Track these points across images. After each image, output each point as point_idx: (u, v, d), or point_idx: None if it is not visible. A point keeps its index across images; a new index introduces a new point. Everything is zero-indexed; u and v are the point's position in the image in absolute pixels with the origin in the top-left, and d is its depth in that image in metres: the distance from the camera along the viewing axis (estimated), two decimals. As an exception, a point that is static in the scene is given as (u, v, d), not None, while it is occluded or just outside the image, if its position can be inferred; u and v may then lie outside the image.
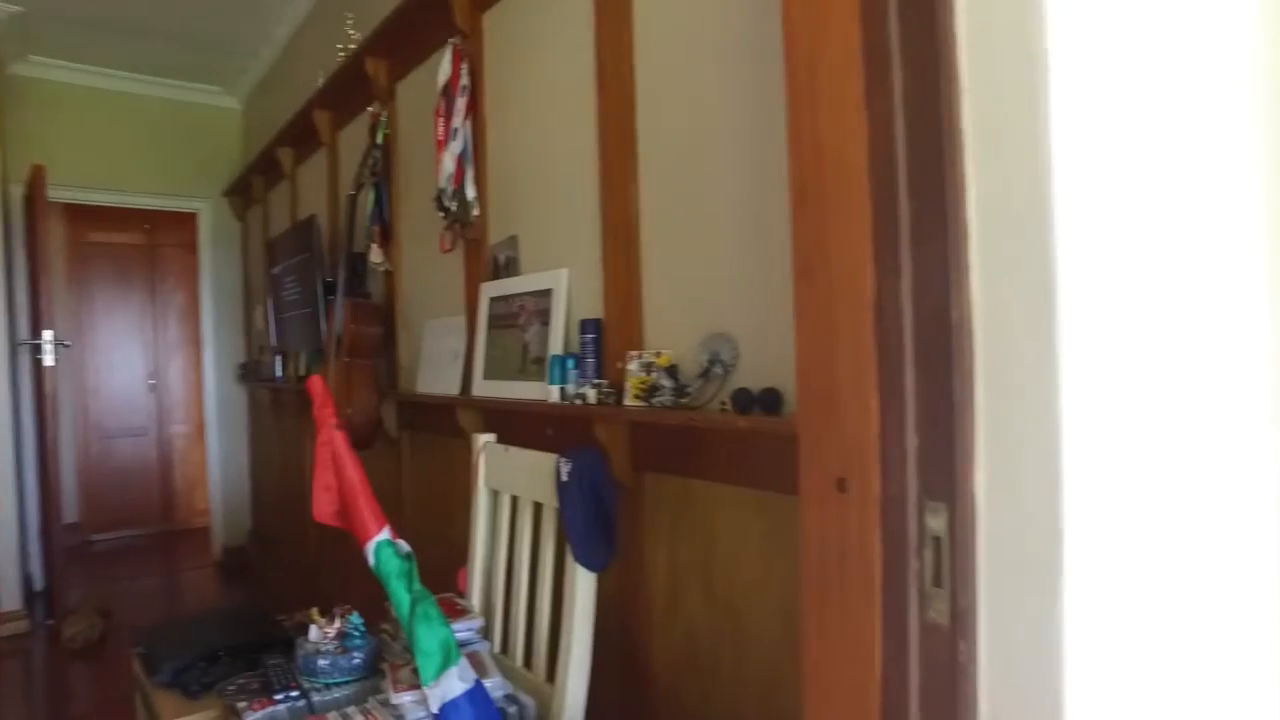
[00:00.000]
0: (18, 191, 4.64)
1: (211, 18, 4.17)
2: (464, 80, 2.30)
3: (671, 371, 1.59)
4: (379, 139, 2.85)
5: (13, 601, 4.06)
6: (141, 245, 6.21)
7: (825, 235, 0.88)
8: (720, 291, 1.54)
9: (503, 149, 2.28)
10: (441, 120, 2.34)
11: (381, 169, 2.88)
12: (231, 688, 1.52)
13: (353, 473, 1.50)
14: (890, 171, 0.81)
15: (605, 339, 1.82)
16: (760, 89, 1.44)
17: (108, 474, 6.06)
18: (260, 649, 1.73)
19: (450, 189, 2.31)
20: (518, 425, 2.06)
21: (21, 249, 4.64)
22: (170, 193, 5.10)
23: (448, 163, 2.30)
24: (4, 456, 4.05)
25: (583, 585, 1.47)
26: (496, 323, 2.23)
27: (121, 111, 4.96)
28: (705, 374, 1.51)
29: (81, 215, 5.96)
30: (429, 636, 1.30)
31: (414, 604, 1.33)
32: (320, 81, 3.31)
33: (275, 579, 4.54)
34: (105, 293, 6.10)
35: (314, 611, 1.60)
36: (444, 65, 2.34)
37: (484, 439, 1.91)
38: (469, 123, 2.32)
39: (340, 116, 3.42)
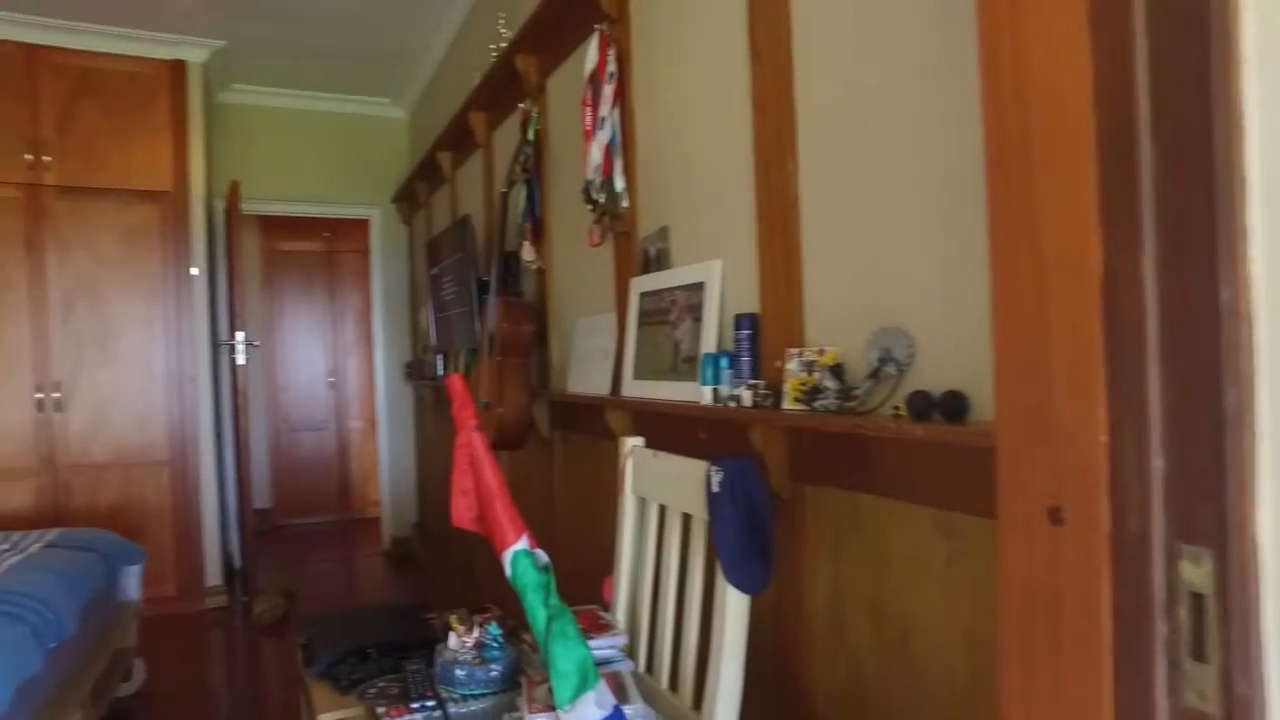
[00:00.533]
0: (220, 206, 5.08)
1: (379, 33, 4.37)
2: (610, 67, 2.22)
3: (836, 371, 1.42)
4: (530, 135, 2.84)
5: (215, 577, 4.42)
6: (323, 252, 6.65)
7: (1033, 199, 0.69)
8: (892, 280, 1.36)
9: (652, 136, 2.18)
10: (589, 110, 2.27)
11: (533, 165, 2.86)
12: (372, 690, 1.50)
13: (491, 477, 1.43)
14: (1126, 110, 0.62)
15: (762, 335, 1.67)
16: (938, 49, 1.24)
17: (294, 464, 6.54)
18: (408, 648, 1.71)
19: (598, 180, 2.23)
20: (668, 428, 1.95)
21: (223, 258, 5.06)
22: (346, 201, 5.41)
23: (595, 153, 2.22)
24: (207, 447, 4.42)
25: (734, 607, 1.33)
26: (647, 319, 2.13)
27: (305, 128, 5.31)
28: (875, 374, 1.33)
29: (273, 225, 6.46)
30: (565, 656, 1.21)
31: (550, 620, 1.24)
32: (475, 82, 3.35)
33: (435, 572, 4.70)
34: (293, 296, 6.58)
35: (454, 618, 1.56)
36: (590, 53, 2.27)
37: (631, 442, 1.81)
38: (616, 111, 2.23)
39: (494, 116, 3.45)
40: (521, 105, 2.93)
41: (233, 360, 4.43)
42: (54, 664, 2.20)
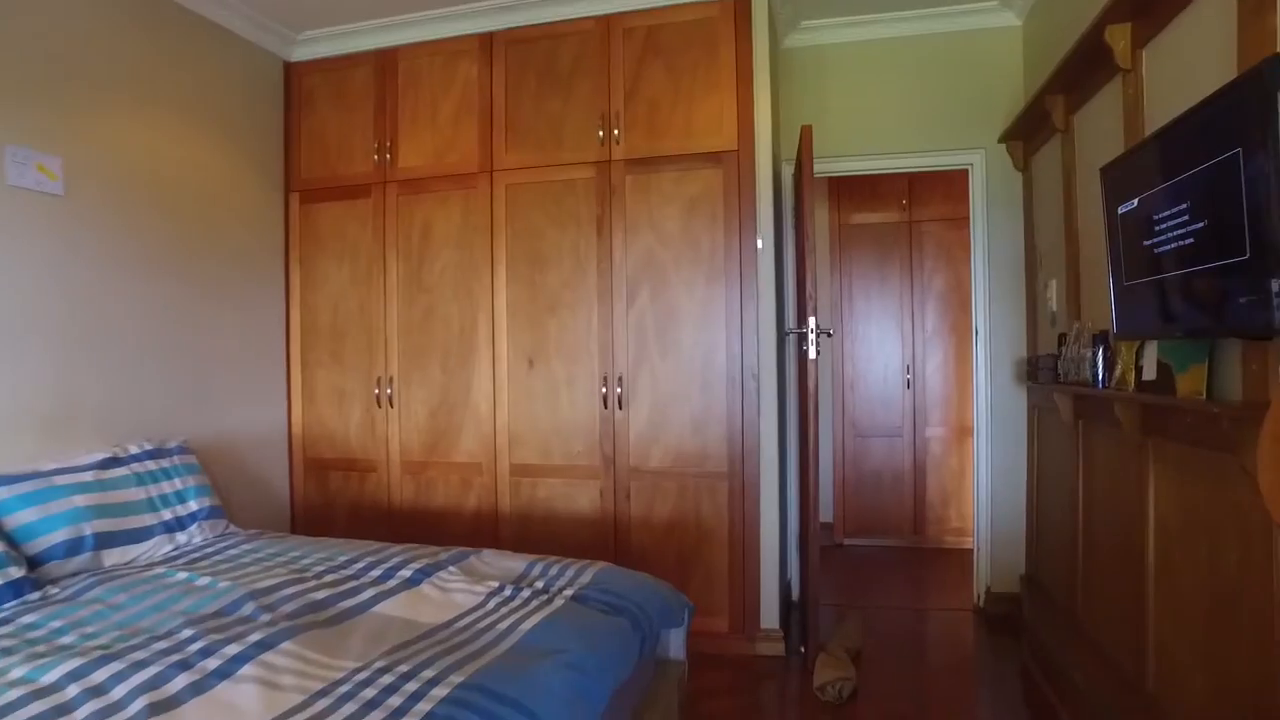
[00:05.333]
0: (788, 171, 4.32)
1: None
2: None
3: None
4: None
5: (772, 618, 3.64)
6: (899, 223, 5.55)
7: None
8: None
9: None
10: None
11: None
12: None
13: None
14: None
15: None
16: None
17: (861, 475, 5.60)
18: None
19: None
20: None
21: (791, 230, 4.30)
22: (936, 148, 4.19)
23: None
24: (769, 458, 3.65)
25: None
26: None
27: (884, 61, 4.24)
28: None
29: (842, 197, 5.59)
30: None
31: None
32: None
33: (1050, 648, 3.21)
34: (863, 278, 5.63)
35: None
36: None
37: None
38: None
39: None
40: None
41: (802, 352, 3.56)
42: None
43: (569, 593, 2.14)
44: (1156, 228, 1.95)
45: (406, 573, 2.24)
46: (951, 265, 5.43)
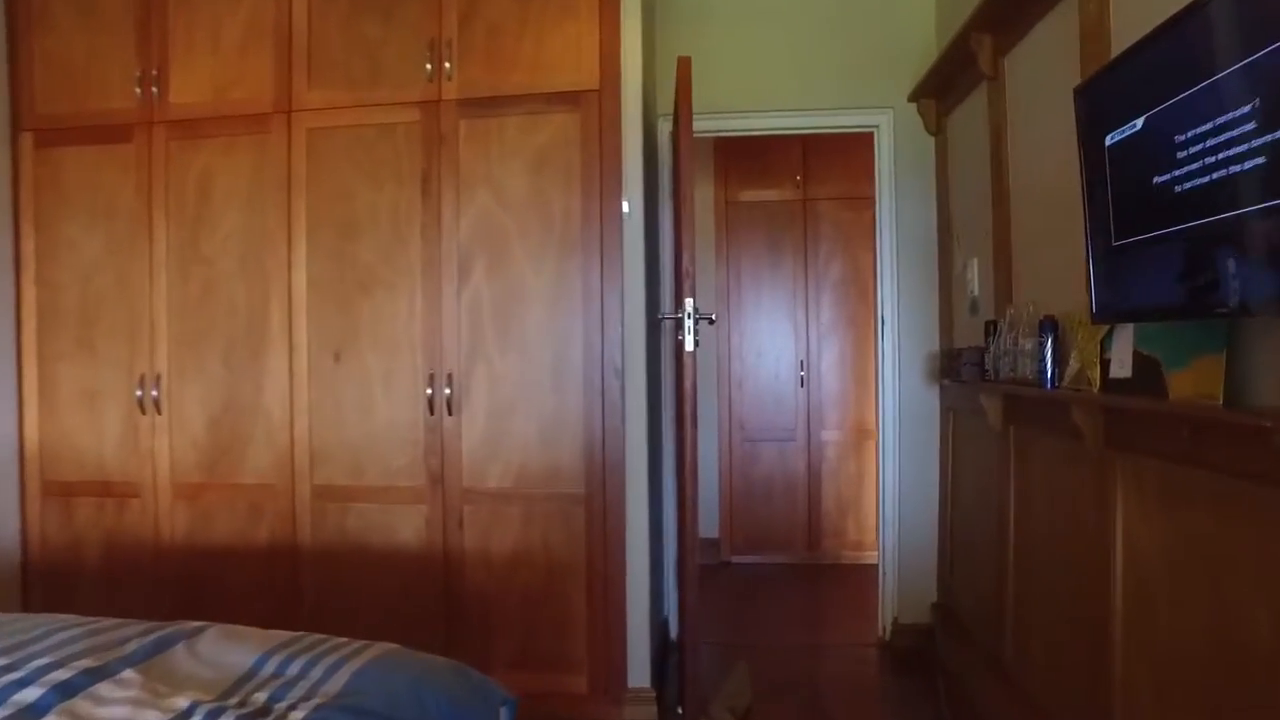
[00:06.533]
0: (665, 130, 3.63)
1: None
2: None
3: None
4: None
5: (641, 672, 2.93)
6: (792, 202, 4.96)
7: None
8: None
9: None
10: None
11: None
12: None
13: None
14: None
15: None
16: None
17: (751, 484, 4.99)
18: None
19: None
20: None
21: (668, 203, 3.61)
22: (835, 107, 3.59)
23: None
24: (637, 473, 2.95)
25: None
26: None
27: (778, 8, 3.61)
28: None
29: (730, 170, 4.97)
30: None
31: None
32: None
33: (972, 692, 2.65)
34: (752, 265, 5.01)
35: None
36: None
37: None
38: None
39: None
40: None
41: (679, 342, 2.86)
42: None
43: (298, 716, 1.35)
44: (1180, 154, 1.33)
45: (33, 693, 1.39)
46: (849, 250, 4.89)
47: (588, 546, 2.86)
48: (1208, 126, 1.25)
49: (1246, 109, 1.15)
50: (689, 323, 2.62)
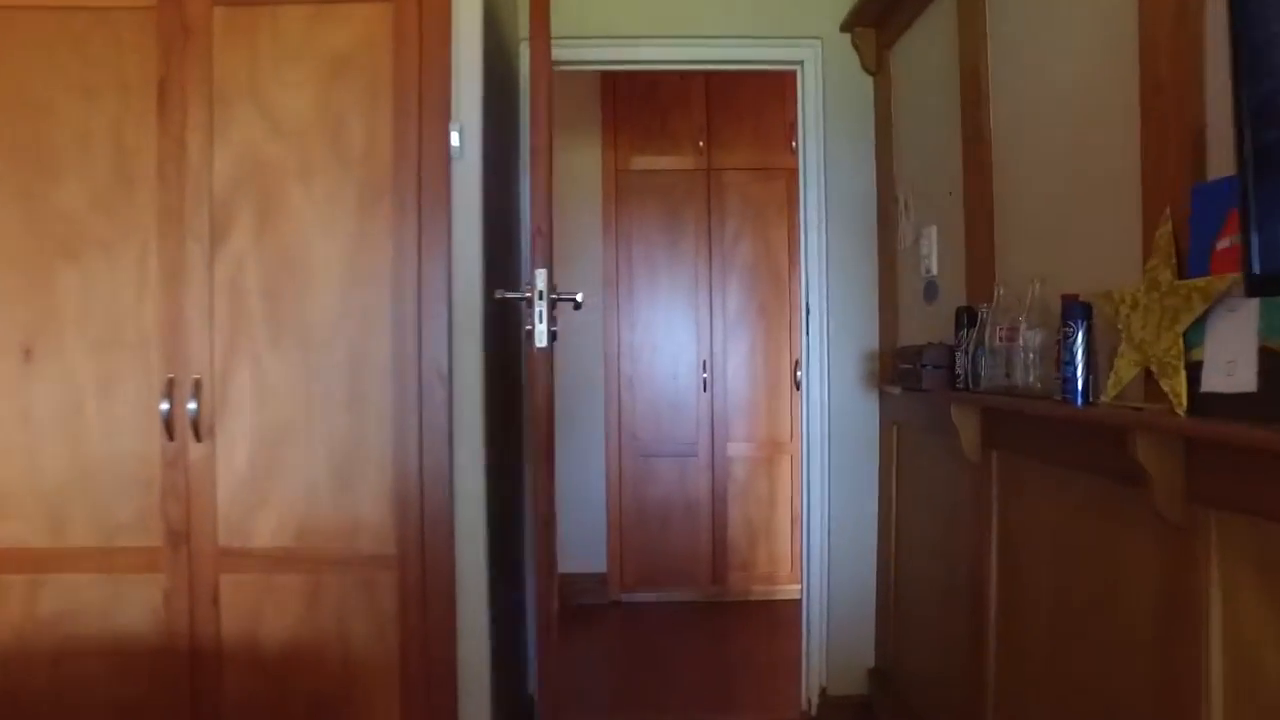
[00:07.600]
0: (525, 57, 2.77)
1: None
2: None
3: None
4: None
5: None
6: (694, 172, 4.17)
7: None
8: None
9: None
10: None
11: None
12: None
13: None
14: None
15: None
16: None
17: (645, 507, 4.18)
18: None
19: None
20: None
21: (524, 125, 2.76)
22: (749, 35, 2.81)
23: None
24: (471, 518, 2.08)
25: None
26: None
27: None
28: None
29: (621, 131, 4.15)
30: None
31: None
32: None
33: None
34: (648, 243, 4.20)
35: None
36: None
37: None
38: None
39: None
40: None
41: (528, 333, 1.98)
42: None
43: None
44: None
45: None
46: (761, 228, 4.14)
47: (402, 633, 1.97)
48: None
49: None
50: (540, 306, 1.77)
